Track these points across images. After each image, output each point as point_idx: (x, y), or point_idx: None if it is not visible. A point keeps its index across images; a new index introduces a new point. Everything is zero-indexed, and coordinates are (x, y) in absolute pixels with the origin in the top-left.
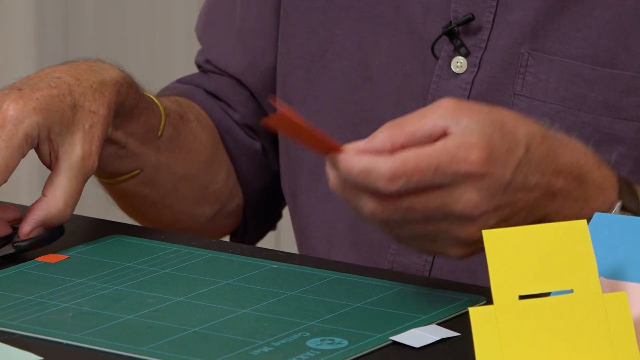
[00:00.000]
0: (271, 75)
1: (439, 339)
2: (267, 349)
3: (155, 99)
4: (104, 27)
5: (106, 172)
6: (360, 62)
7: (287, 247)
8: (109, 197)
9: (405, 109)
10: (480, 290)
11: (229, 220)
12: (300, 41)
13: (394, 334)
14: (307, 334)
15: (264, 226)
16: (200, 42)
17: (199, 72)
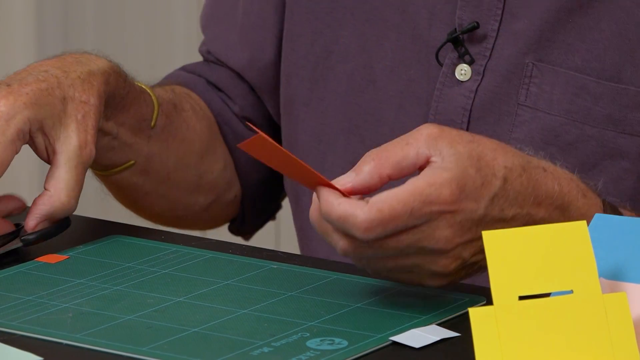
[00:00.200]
0: (270, 71)
1: (439, 339)
2: (267, 349)
3: (147, 89)
4: (104, 27)
5: (100, 164)
6: (364, 64)
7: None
8: (104, 188)
9: (407, 113)
10: (480, 290)
11: (226, 210)
12: (305, 41)
13: (394, 334)
14: (307, 334)
15: (263, 217)
16: (203, 32)
17: (203, 61)
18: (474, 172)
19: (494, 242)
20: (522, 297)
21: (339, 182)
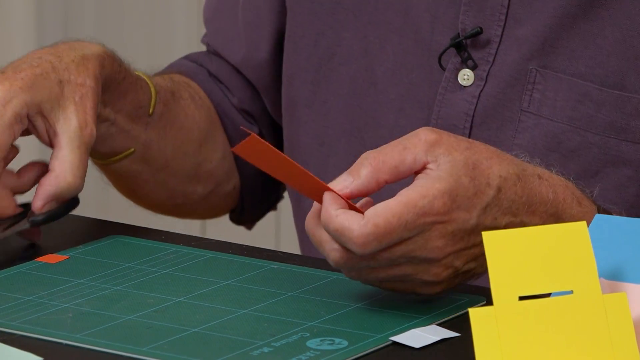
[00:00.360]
0: (264, 70)
1: (439, 339)
2: (267, 349)
3: (144, 76)
4: (104, 26)
5: (100, 152)
6: (366, 67)
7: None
8: (104, 177)
9: (408, 116)
10: (480, 290)
11: (225, 200)
12: (307, 42)
13: (394, 335)
14: (307, 334)
15: (263, 207)
16: (205, 25)
17: (205, 51)
18: (468, 182)
19: (494, 242)
20: (522, 298)
21: (336, 186)
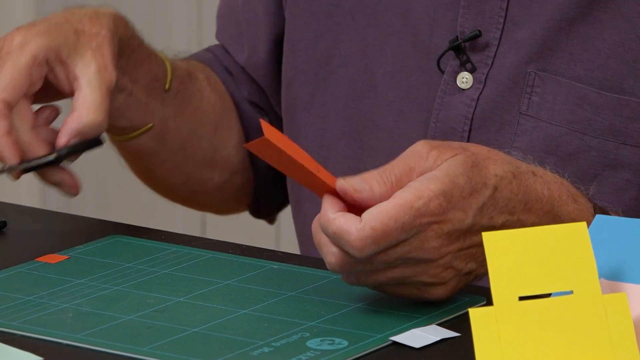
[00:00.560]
0: (263, 70)
1: (439, 339)
2: (267, 349)
3: (158, 52)
4: None
5: (118, 126)
6: (365, 69)
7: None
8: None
9: (407, 119)
10: (480, 290)
11: (240, 192)
12: (306, 45)
13: (394, 334)
14: (307, 334)
15: (277, 202)
16: (216, 21)
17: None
18: (464, 182)
19: (494, 243)
20: (522, 298)
21: (353, 184)
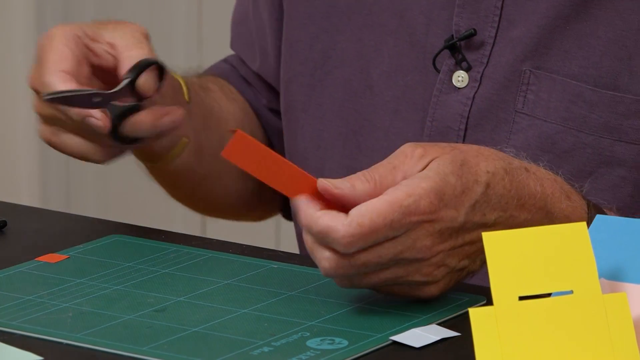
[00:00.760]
0: (275, 75)
1: (439, 339)
2: (267, 348)
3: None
4: None
5: (157, 153)
6: (361, 70)
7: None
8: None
9: (404, 119)
10: (480, 290)
11: (272, 198)
12: (303, 47)
13: (394, 334)
14: (307, 333)
15: None
16: (231, 29)
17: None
18: (455, 180)
19: (494, 243)
20: (522, 298)
21: (334, 182)
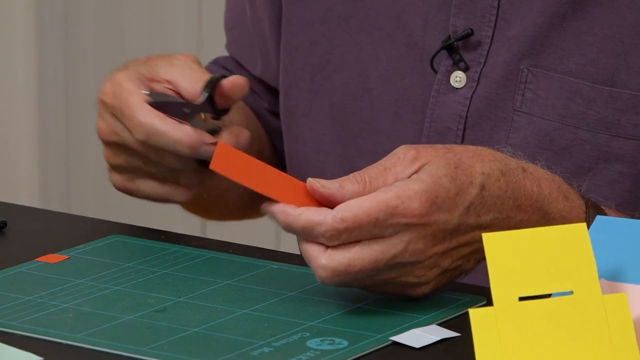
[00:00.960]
0: (277, 81)
1: (439, 339)
2: (267, 349)
3: None
4: (104, 27)
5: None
6: (359, 73)
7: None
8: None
9: (403, 121)
10: (480, 290)
11: None
12: (302, 52)
13: (394, 334)
14: (307, 334)
15: None
16: (225, 33)
17: (230, 56)
18: (448, 182)
19: (494, 243)
20: (522, 298)
21: (323, 182)
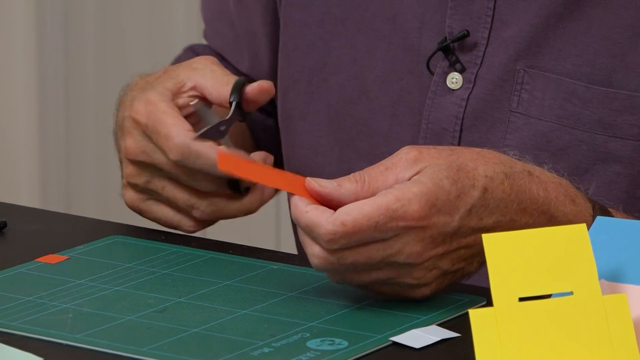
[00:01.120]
0: (269, 78)
1: (439, 339)
2: (267, 349)
3: None
4: (104, 27)
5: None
6: (356, 75)
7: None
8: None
9: (401, 123)
10: (480, 291)
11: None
12: (300, 55)
13: (394, 335)
14: (307, 334)
15: None
16: (205, 24)
17: (208, 45)
18: (449, 185)
19: (494, 244)
20: (522, 299)
21: (320, 182)
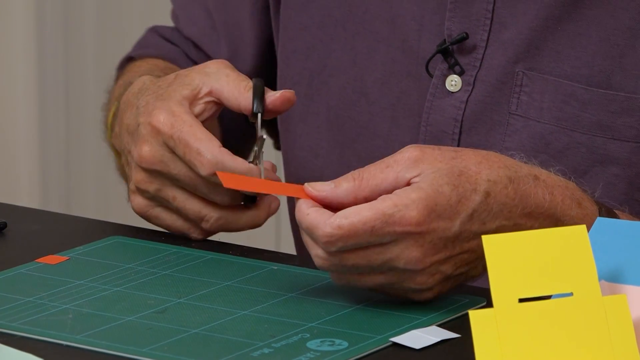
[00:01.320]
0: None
1: (439, 340)
2: (267, 350)
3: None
4: (104, 27)
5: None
6: (355, 78)
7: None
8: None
9: (400, 125)
10: (480, 292)
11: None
12: (299, 57)
13: (394, 336)
14: (307, 335)
15: None
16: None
17: (175, 27)
18: (450, 190)
19: (494, 245)
20: (522, 300)
21: (316, 186)
